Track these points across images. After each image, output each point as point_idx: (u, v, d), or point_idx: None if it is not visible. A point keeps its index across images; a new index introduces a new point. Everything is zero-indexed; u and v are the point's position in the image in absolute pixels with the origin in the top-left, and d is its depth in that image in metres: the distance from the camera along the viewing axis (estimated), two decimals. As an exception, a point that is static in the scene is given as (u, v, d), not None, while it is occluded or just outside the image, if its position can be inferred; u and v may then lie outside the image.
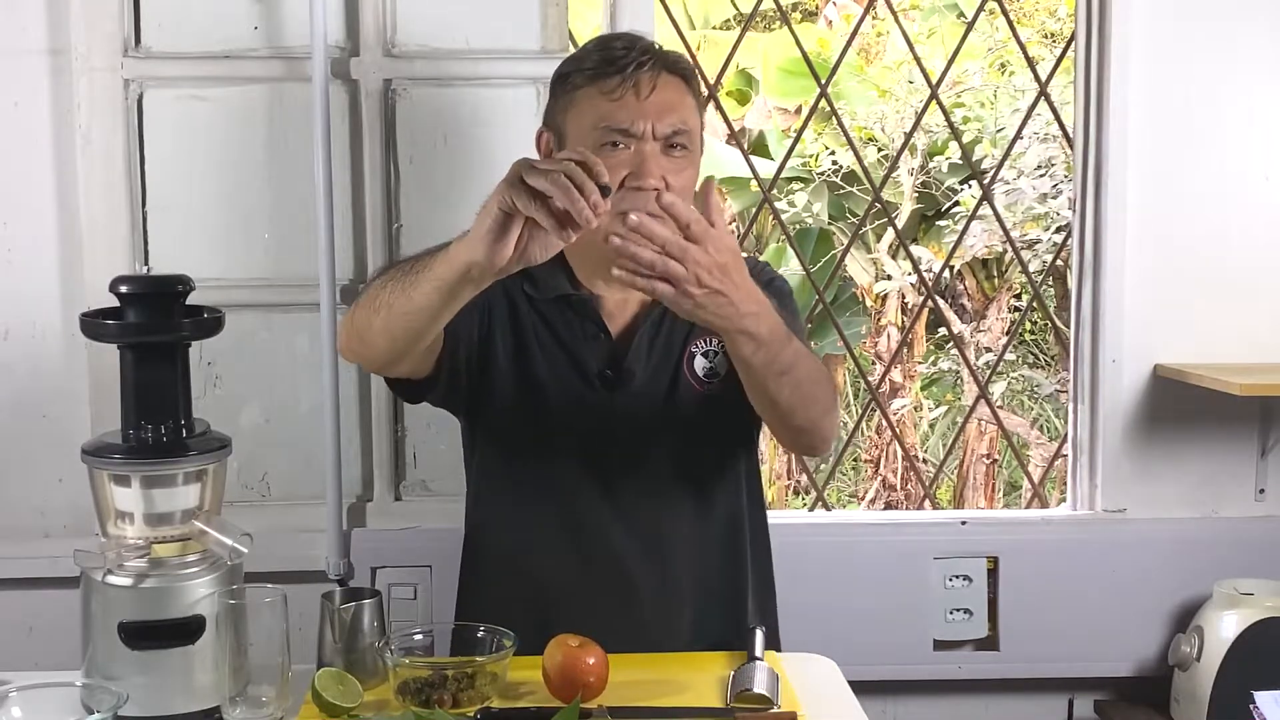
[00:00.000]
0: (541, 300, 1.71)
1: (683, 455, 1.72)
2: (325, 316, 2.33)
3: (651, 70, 1.62)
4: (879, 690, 2.52)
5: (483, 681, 1.45)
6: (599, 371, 1.70)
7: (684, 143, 1.63)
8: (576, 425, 1.71)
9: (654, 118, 1.60)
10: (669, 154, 1.62)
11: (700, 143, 1.68)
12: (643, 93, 1.61)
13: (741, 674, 1.51)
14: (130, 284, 1.48)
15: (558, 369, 1.71)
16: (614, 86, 1.61)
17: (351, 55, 2.37)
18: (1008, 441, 4.40)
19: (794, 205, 5.65)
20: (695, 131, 1.65)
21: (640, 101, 1.60)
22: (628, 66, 1.61)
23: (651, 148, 1.60)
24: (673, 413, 1.71)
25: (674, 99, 1.63)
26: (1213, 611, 2.50)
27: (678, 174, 1.62)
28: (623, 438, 1.71)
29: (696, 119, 1.67)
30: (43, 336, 2.37)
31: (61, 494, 2.34)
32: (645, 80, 1.61)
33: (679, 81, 1.66)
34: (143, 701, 1.39)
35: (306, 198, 2.33)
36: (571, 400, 1.71)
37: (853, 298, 5.84)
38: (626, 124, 1.60)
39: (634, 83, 1.61)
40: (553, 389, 1.71)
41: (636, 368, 1.70)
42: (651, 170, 1.59)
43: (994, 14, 4.76)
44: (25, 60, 2.32)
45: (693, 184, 1.66)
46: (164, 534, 1.45)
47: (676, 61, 1.68)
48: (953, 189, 5.35)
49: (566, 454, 1.71)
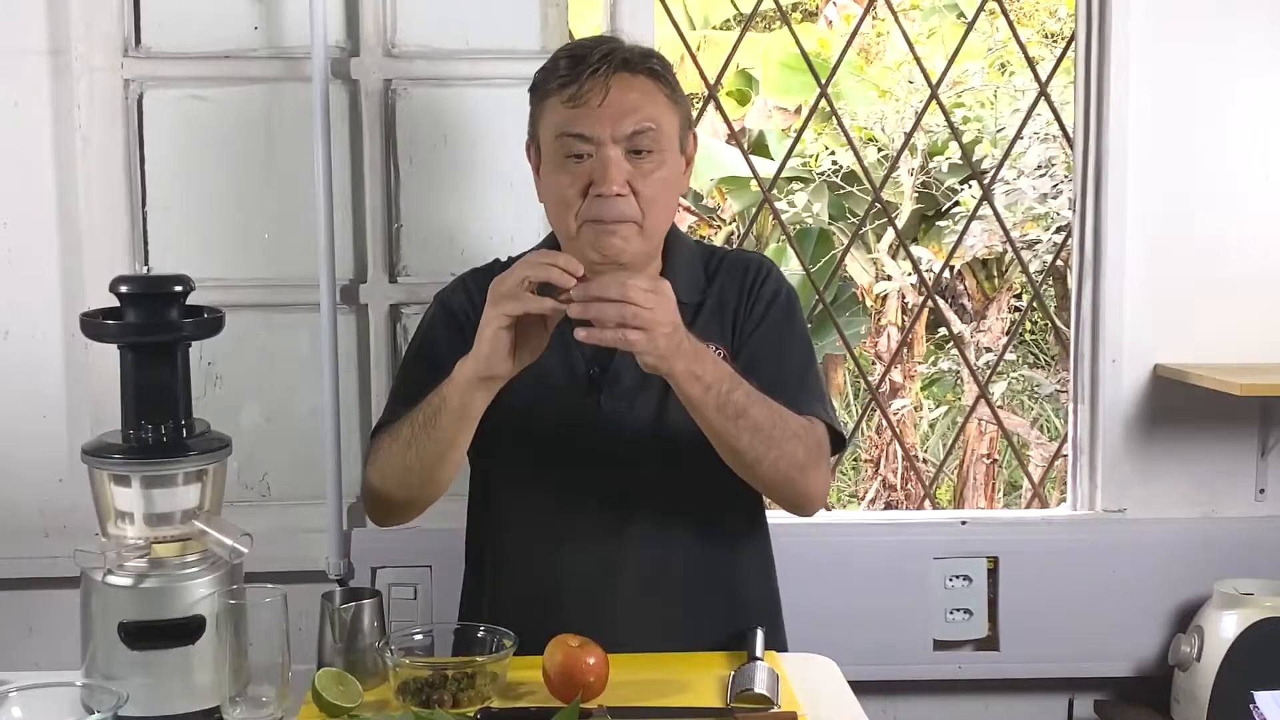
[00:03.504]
0: None
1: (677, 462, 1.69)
2: (325, 316, 2.33)
3: (608, 73, 1.60)
4: (879, 690, 2.52)
5: (483, 681, 1.45)
6: (586, 372, 1.70)
7: (648, 145, 1.60)
8: (564, 428, 1.70)
9: (611, 122, 1.59)
10: (634, 158, 1.60)
11: (680, 138, 1.66)
12: (600, 97, 1.59)
13: (741, 674, 1.51)
14: (130, 284, 1.48)
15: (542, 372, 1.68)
16: (574, 94, 1.60)
17: (351, 55, 2.37)
18: (1008, 441, 4.41)
19: (794, 205, 5.65)
20: (667, 129, 1.63)
21: (599, 106, 1.59)
22: (583, 72, 1.59)
23: (613, 153, 1.59)
24: (665, 419, 1.69)
25: (635, 99, 1.60)
26: (1213, 611, 2.50)
27: (645, 177, 1.60)
28: (610, 440, 1.69)
29: (669, 115, 1.64)
30: (43, 336, 2.37)
31: (61, 494, 2.34)
32: (602, 84, 1.59)
33: (645, 80, 1.62)
34: (143, 701, 1.38)
35: (306, 198, 2.33)
36: (557, 401, 1.70)
37: (853, 298, 5.85)
38: (583, 130, 1.59)
39: (590, 88, 1.59)
40: (537, 391, 1.69)
41: (623, 369, 1.69)
42: (612, 176, 1.58)
43: (994, 14, 4.76)
44: (25, 60, 2.32)
45: (670, 184, 1.64)
46: (164, 534, 1.45)
47: (642, 59, 1.64)
48: (953, 189, 5.35)
49: (554, 458, 1.70)
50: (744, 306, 1.72)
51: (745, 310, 1.72)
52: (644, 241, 1.64)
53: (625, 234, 1.61)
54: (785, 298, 1.74)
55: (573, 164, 1.61)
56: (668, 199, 1.66)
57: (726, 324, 1.72)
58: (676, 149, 1.66)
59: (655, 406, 1.69)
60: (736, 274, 1.74)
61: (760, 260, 1.79)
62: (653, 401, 1.69)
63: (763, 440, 1.57)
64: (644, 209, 1.61)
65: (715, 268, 1.76)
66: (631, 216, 1.61)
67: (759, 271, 1.75)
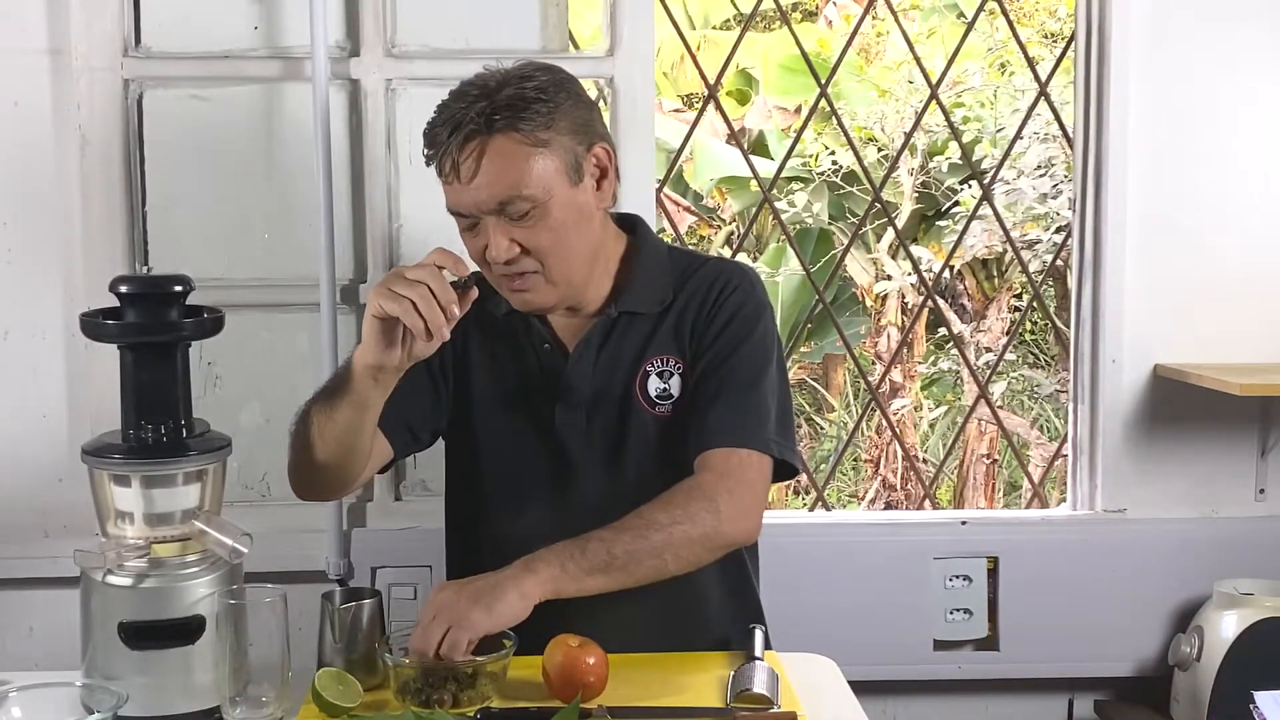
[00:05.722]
0: (493, 316, 1.71)
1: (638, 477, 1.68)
2: (325, 316, 2.33)
3: (462, 144, 1.54)
4: (879, 690, 2.52)
5: (483, 681, 1.45)
6: (542, 385, 1.70)
7: (520, 210, 1.55)
8: (518, 438, 1.71)
9: (475, 198, 1.56)
10: (514, 221, 1.57)
11: (568, 173, 1.58)
12: (463, 174, 1.55)
13: (741, 674, 1.51)
14: (130, 284, 1.48)
15: (498, 384, 1.72)
16: (443, 170, 1.57)
17: (351, 55, 2.37)
18: (1008, 441, 4.40)
19: (794, 205, 5.65)
20: (539, 180, 1.55)
21: (466, 184, 1.56)
22: (441, 148, 1.56)
23: (490, 221, 1.57)
24: (624, 431, 1.68)
25: (494, 168, 1.54)
26: (1213, 611, 2.49)
27: (529, 235, 1.57)
28: (567, 451, 1.69)
29: (541, 163, 1.55)
30: (43, 336, 2.37)
31: (61, 494, 2.34)
32: (458, 159, 1.55)
33: (500, 142, 1.54)
34: (143, 701, 1.39)
35: (306, 198, 2.33)
36: (513, 414, 1.71)
37: (853, 298, 5.85)
38: (459, 207, 1.59)
39: (450, 164, 1.56)
40: (492, 404, 1.71)
41: (577, 379, 1.68)
42: (497, 244, 1.57)
43: (994, 14, 4.76)
44: (25, 60, 2.32)
45: (563, 228, 1.58)
46: (164, 534, 1.45)
47: (494, 116, 1.54)
48: (953, 189, 5.35)
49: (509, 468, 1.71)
50: (703, 317, 1.69)
51: (704, 321, 1.68)
52: (554, 288, 1.63)
53: (531, 285, 1.61)
54: (750, 310, 1.69)
55: (468, 235, 1.61)
56: (564, 242, 1.60)
57: (684, 334, 1.69)
58: (563, 187, 1.58)
59: (607, 415, 1.68)
60: (704, 284, 1.71)
61: (734, 271, 1.73)
62: (604, 410, 1.68)
63: (650, 565, 1.54)
64: (541, 260, 1.59)
65: (688, 277, 1.72)
66: (531, 269, 1.60)
67: (728, 283, 1.70)
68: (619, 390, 1.69)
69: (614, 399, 1.69)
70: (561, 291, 1.64)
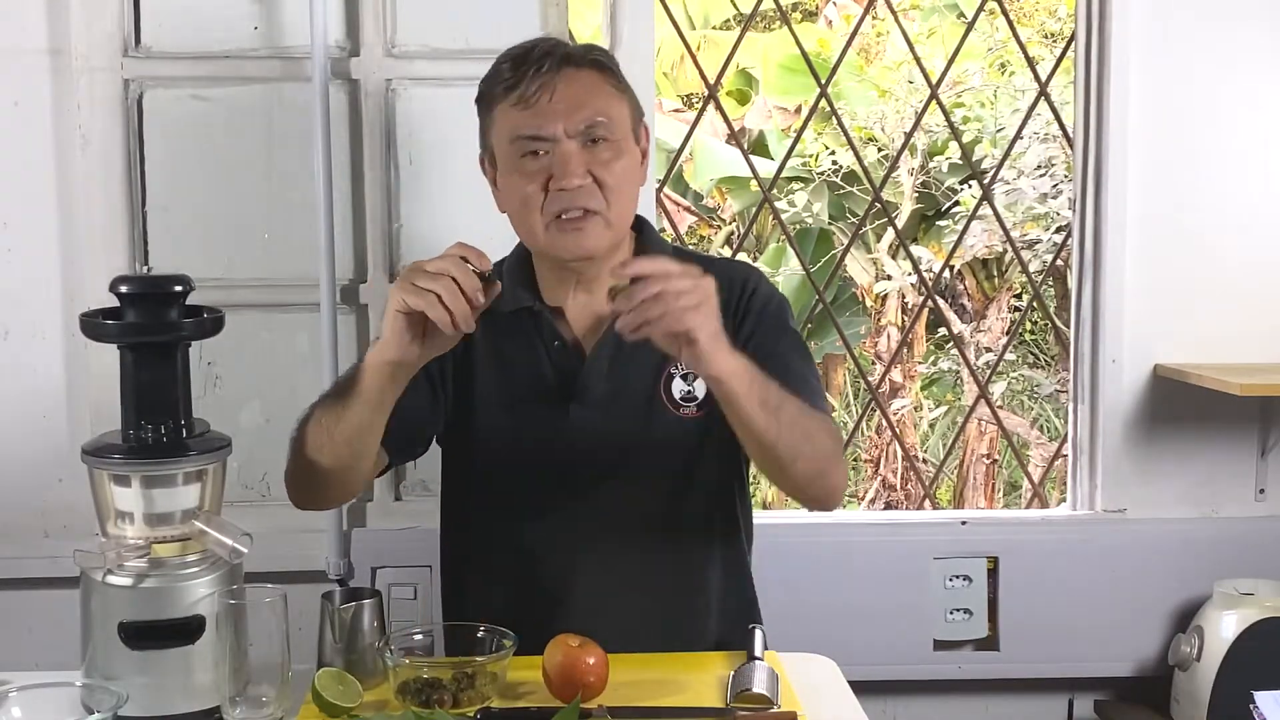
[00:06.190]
0: (499, 314, 1.66)
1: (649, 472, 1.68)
2: (325, 316, 2.33)
3: (554, 69, 1.60)
4: (879, 690, 2.52)
5: (483, 681, 1.45)
6: (554, 385, 1.69)
7: (604, 134, 1.60)
8: (524, 438, 1.69)
9: (564, 117, 1.59)
10: (591, 149, 1.60)
11: (633, 128, 1.66)
12: (550, 94, 1.59)
13: (741, 674, 1.51)
14: (130, 284, 1.48)
15: (503, 384, 1.70)
16: (521, 95, 1.60)
17: (351, 55, 2.37)
18: (1008, 441, 4.40)
19: (794, 205, 5.64)
20: (619, 119, 1.63)
21: (549, 104, 1.59)
22: (528, 72, 1.59)
23: (569, 146, 1.59)
24: (646, 432, 1.68)
25: (584, 93, 1.61)
26: (1213, 611, 2.50)
27: (604, 166, 1.60)
28: (578, 451, 1.68)
29: (619, 107, 1.64)
30: (43, 336, 2.37)
31: (61, 494, 2.34)
32: (549, 81, 1.59)
33: (590, 73, 1.63)
34: (143, 701, 1.39)
35: (306, 198, 2.33)
36: (519, 414, 1.69)
37: (853, 298, 5.84)
38: (538, 129, 1.59)
39: (538, 85, 1.59)
40: (496, 404, 1.69)
41: (593, 381, 1.68)
42: (572, 170, 1.58)
43: (994, 14, 4.76)
44: (25, 60, 2.32)
45: (631, 173, 1.63)
46: (164, 534, 1.45)
47: (586, 53, 1.65)
48: (953, 189, 5.35)
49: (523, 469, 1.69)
50: (734, 317, 1.69)
51: (736, 321, 1.69)
52: (610, 233, 1.64)
53: (590, 227, 1.61)
54: (777, 305, 1.73)
55: (530, 163, 1.60)
56: (629, 188, 1.65)
57: None
58: (631, 139, 1.65)
59: (625, 416, 1.68)
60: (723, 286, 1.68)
61: (748, 271, 1.77)
62: (623, 411, 1.68)
63: (799, 434, 1.53)
64: (608, 198, 1.61)
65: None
66: (595, 207, 1.60)
67: (746, 283, 1.72)
68: (640, 391, 1.68)
69: (634, 400, 1.68)
70: (614, 236, 1.65)
